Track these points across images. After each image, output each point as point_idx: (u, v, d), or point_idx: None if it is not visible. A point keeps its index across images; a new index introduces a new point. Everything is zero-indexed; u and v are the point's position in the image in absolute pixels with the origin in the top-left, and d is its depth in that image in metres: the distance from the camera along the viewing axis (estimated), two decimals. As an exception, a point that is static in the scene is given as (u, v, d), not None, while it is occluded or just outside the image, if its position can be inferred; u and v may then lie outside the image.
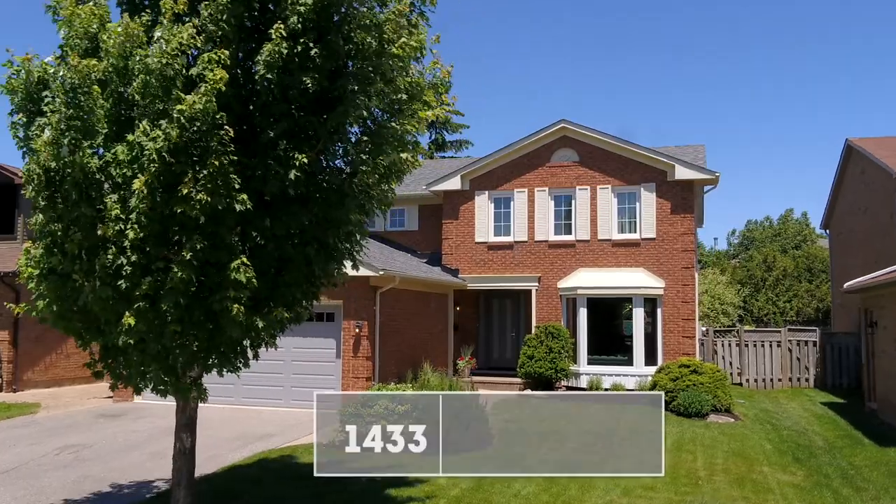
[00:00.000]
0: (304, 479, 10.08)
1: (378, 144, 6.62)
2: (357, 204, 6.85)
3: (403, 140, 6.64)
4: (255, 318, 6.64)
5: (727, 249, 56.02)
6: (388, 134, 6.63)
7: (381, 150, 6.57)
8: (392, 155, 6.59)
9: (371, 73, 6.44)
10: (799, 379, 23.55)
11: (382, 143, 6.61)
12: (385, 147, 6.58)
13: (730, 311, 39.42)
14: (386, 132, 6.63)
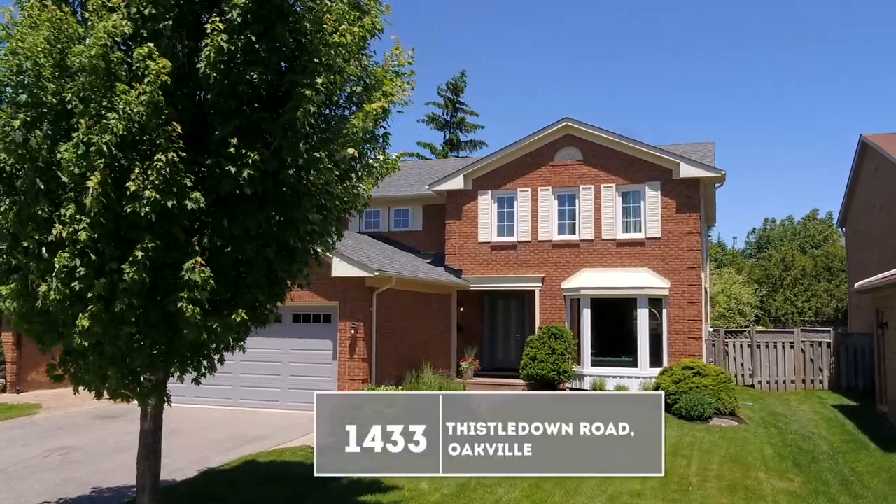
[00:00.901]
0: (286, 483, 9.94)
1: (325, 140, 6.44)
2: (315, 203, 6.67)
3: (350, 134, 6.42)
4: (212, 321, 6.50)
5: (744, 248, 55.25)
6: (333, 128, 6.43)
7: (327, 145, 6.38)
8: (342, 151, 6.39)
9: (318, 65, 6.27)
10: (812, 381, 23.02)
11: (328, 138, 6.41)
12: (331, 142, 6.38)
13: (746, 312, 38.83)
14: (332, 127, 6.44)
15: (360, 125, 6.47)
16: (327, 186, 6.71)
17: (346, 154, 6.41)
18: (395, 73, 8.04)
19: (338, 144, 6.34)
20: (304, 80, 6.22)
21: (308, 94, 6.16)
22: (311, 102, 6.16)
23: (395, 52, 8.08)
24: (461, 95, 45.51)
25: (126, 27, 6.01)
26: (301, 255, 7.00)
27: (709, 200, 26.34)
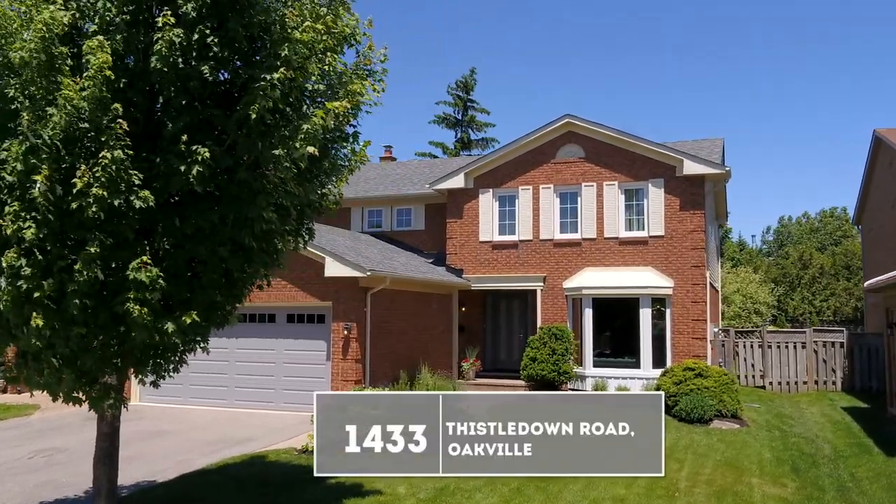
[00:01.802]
0: (264, 487, 9.78)
1: (283, 137, 6.24)
2: (272, 202, 6.48)
3: (310, 132, 6.22)
4: (164, 322, 6.34)
5: (761, 247, 54.33)
6: (292, 126, 6.24)
7: (286, 143, 6.18)
8: (301, 149, 6.19)
9: (275, 62, 6.08)
10: (826, 382, 22.48)
11: (286, 135, 6.22)
12: (290, 140, 6.19)
13: (763, 311, 38.17)
14: (290, 124, 6.24)
15: (321, 123, 6.26)
16: (284, 185, 6.51)
17: (305, 152, 6.21)
18: (368, 73, 7.89)
19: (297, 142, 6.13)
20: (261, 76, 6.04)
21: (263, 89, 5.98)
22: (266, 98, 5.98)
23: (367, 52, 7.93)
24: (471, 93, 45.26)
25: (65, 18, 5.86)
26: (258, 256, 6.82)
27: (718, 197, 25.88)
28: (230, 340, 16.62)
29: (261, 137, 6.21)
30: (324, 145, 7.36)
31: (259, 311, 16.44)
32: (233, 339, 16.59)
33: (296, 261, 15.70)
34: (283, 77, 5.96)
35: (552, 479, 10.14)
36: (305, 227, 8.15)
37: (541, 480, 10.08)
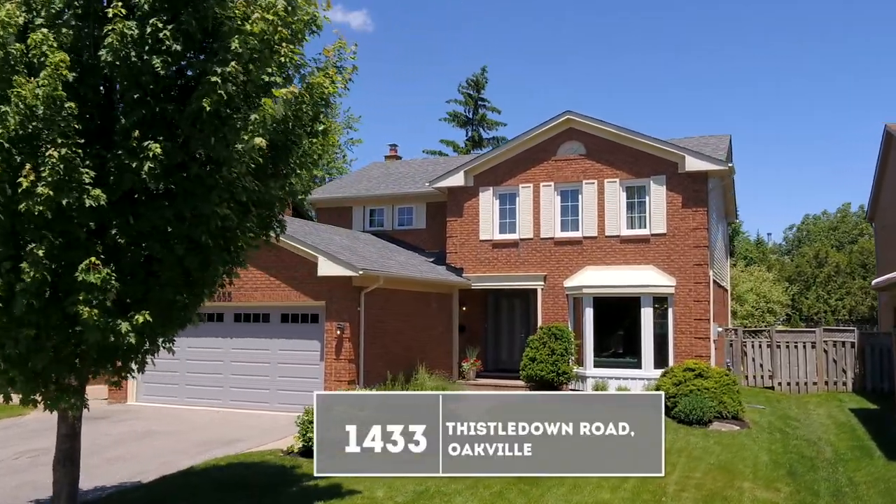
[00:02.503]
0: (244, 488, 9.64)
1: (235, 130, 6.07)
2: (226, 197, 6.32)
3: (258, 124, 6.04)
4: (118, 323, 6.20)
5: (781, 245, 53.51)
6: (241, 119, 6.06)
7: (237, 135, 6.02)
8: (249, 141, 6.02)
9: (227, 55, 5.92)
10: (836, 382, 22.00)
11: (238, 128, 6.05)
12: (240, 132, 6.02)
13: (776, 310, 37.56)
14: (240, 118, 6.07)
15: (270, 113, 6.09)
16: (240, 180, 6.35)
17: (254, 144, 6.04)
18: (338, 69, 7.76)
19: (245, 133, 5.97)
20: (213, 69, 5.88)
21: (215, 82, 5.83)
22: (218, 92, 5.82)
23: (336, 47, 7.79)
24: (482, 92, 44.98)
25: (20, 17, 5.76)
26: (216, 254, 6.66)
27: (727, 195, 25.48)
28: (225, 340, 16.60)
29: (214, 132, 6.05)
30: (285, 138, 7.22)
31: (254, 310, 16.34)
32: (228, 339, 16.58)
33: (289, 260, 15.62)
34: (234, 70, 5.80)
35: (537, 482, 9.93)
36: (276, 222, 8.01)
37: (525, 483, 9.86)
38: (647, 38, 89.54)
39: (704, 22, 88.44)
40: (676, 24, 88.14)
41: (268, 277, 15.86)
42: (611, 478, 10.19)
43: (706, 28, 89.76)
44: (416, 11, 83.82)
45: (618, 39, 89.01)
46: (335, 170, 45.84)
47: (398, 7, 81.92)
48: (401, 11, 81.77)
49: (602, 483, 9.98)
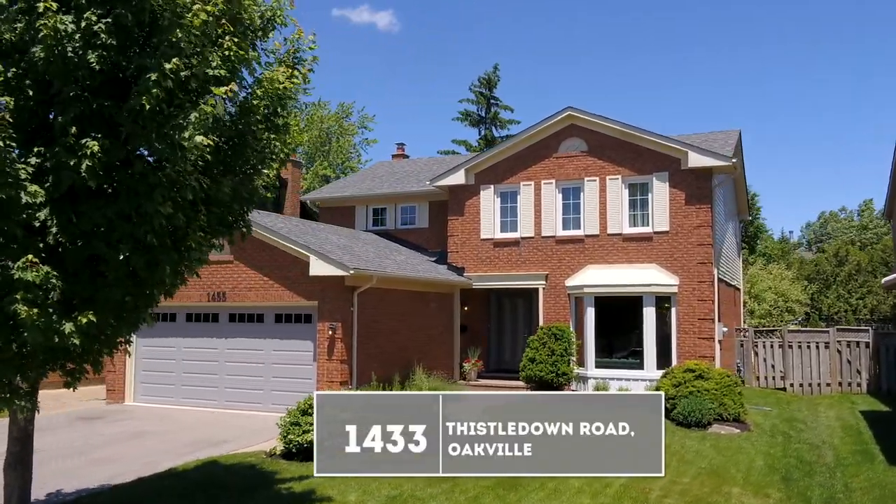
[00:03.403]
0: (215, 491, 9.49)
1: (178, 127, 5.90)
2: (170, 196, 6.16)
3: (199, 121, 5.85)
4: (62, 323, 6.07)
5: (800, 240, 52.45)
6: (184, 115, 5.89)
7: (180, 132, 5.84)
8: (192, 139, 5.84)
9: (167, 49, 5.75)
10: (850, 384, 21.43)
11: (180, 125, 5.88)
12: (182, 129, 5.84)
13: (795, 309, 36.79)
14: (182, 115, 5.89)
15: (211, 111, 5.91)
16: (186, 178, 6.18)
17: (196, 142, 5.87)
18: (297, 60, 7.60)
19: (185, 131, 5.80)
20: (151, 65, 5.72)
21: (154, 78, 5.67)
22: (157, 88, 5.66)
23: (294, 39, 7.62)
24: (494, 90, 44.64)
25: None
26: (164, 254, 6.48)
27: (738, 191, 24.99)
28: (221, 340, 16.54)
29: (156, 129, 5.89)
30: (237, 135, 7.06)
31: (248, 310, 16.26)
32: (223, 339, 16.53)
33: (282, 260, 15.51)
34: (174, 66, 5.63)
35: (515, 487, 9.69)
36: (241, 222, 7.85)
37: (503, 488, 9.62)
38: (659, 38, 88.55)
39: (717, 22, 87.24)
40: (688, 24, 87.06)
41: (261, 277, 15.77)
42: (594, 483, 9.92)
43: (718, 28, 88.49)
44: (434, 11, 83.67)
45: (629, 40, 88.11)
46: (349, 170, 45.85)
47: (418, 7, 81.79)
48: (420, 11, 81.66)
49: (584, 488, 9.71)
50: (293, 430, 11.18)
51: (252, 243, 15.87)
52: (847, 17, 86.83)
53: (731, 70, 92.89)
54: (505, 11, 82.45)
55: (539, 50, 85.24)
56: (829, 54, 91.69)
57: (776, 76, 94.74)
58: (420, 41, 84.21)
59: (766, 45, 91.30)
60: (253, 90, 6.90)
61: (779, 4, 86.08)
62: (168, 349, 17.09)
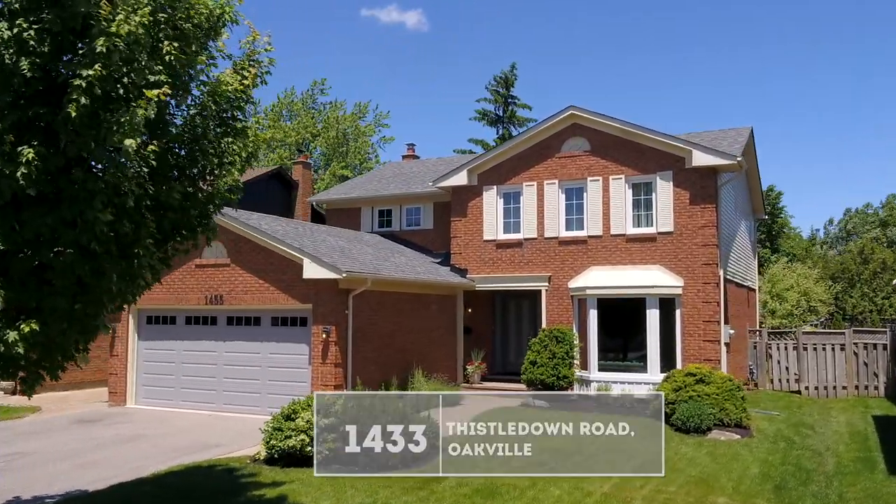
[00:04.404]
0: (187, 498, 9.43)
1: (110, 131, 5.81)
2: (109, 202, 6.08)
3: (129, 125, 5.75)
4: (5, 332, 6.03)
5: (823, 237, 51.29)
6: (113, 120, 5.79)
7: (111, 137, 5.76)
8: (121, 142, 5.75)
9: (94, 56, 5.67)
10: (867, 387, 20.88)
11: (110, 129, 5.78)
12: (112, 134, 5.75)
13: (819, 309, 35.97)
14: (109, 120, 5.79)
15: (142, 114, 5.82)
16: (125, 184, 6.09)
17: (127, 146, 5.78)
18: (253, 62, 7.51)
19: (117, 136, 5.71)
20: (79, 72, 5.65)
21: (78, 84, 5.59)
22: (85, 95, 5.58)
23: (250, 41, 7.53)
24: (512, 89, 44.34)
25: None
26: (109, 261, 6.41)
27: (752, 189, 24.47)
28: (219, 343, 16.56)
29: (94, 136, 5.82)
30: (194, 139, 6.97)
31: (245, 313, 16.25)
32: (221, 342, 16.54)
33: (278, 262, 15.48)
34: (97, 73, 5.55)
35: (493, 495, 9.49)
36: (202, 227, 7.76)
37: (480, 496, 9.43)
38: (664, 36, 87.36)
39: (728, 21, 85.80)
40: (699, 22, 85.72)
41: (257, 280, 15.74)
42: (575, 492, 9.70)
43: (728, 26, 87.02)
44: (456, 7, 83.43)
45: (633, 39, 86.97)
46: (367, 170, 45.88)
47: (442, 4, 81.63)
48: (432, 8, 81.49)
49: (563, 497, 9.49)
50: (276, 436, 11.11)
51: (248, 246, 15.89)
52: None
53: (761, 67, 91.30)
54: (523, 11, 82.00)
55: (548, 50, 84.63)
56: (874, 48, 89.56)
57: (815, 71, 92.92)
58: (442, 39, 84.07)
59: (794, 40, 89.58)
60: (203, 93, 6.80)
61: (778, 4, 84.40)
62: (168, 352, 17.16)
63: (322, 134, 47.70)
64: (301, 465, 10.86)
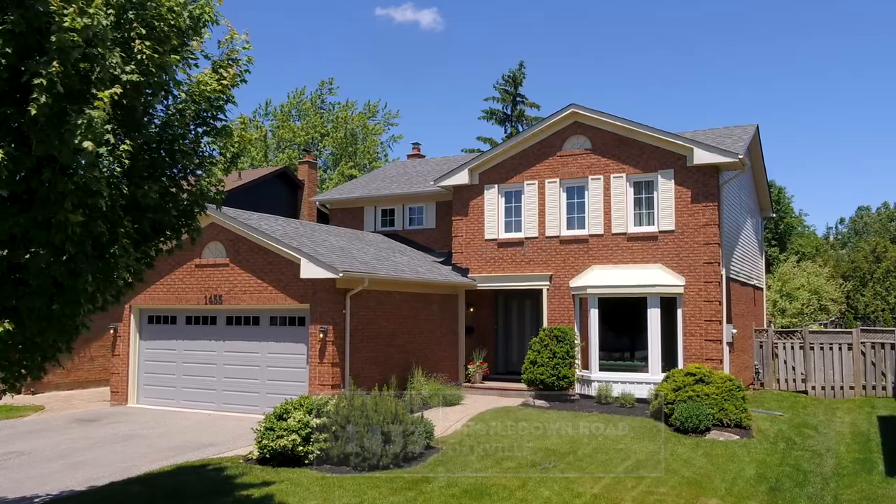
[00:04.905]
0: (174, 498, 9.43)
1: (69, 131, 5.79)
2: (80, 203, 6.07)
3: (86, 126, 5.72)
4: (-25, 332, 6.05)
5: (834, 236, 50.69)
6: (71, 121, 5.77)
7: (72, 138, 5.74)
8: (80, 144, 5.73)
9: (53, 55, 5.65)
10: (875, 387, 20.60)
11: (69, 130, 5.76)
12: (72, 135, 5.73)
13: (830, 308, 35.56)
14: (67, 118, 5.77)
15: (99, 115, 5.78)
16: (94, 184, 6.07)
17: (85, 147, 5.75)
18: (232, 62, 7.50)
19: (75, 137, 5.70)
20: (40, 70, 5.63)
21: (41, 83, 5.58)
22: (44, 94, 5.57)
23: (228, 40, 7.52)
24: (520, 88, 44.20)
25: None
26: (85, 262, 6.40)
27: (758, 187, 24.23)
28: (218, 343, 16.60)
29: (59, 136, 5.81)
30: (171, 139, 6.96)
31: (245, 313, 16.28)
32: (221, 341, 16.58)
33: (276, 262, 15.49)
34: (56, 70, 5.53)
35: (481, 496, 9.41)
36: (186, 226, 7.76)
37: (468, 498, 9.37)
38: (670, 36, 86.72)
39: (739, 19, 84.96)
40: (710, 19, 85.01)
41: (256, 280, 15.76)
42: (564, 493, 9.61)
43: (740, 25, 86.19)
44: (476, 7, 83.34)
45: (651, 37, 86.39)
46: (375, 170, 45.93)
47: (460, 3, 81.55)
48: (446, 6, 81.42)
49: (552, 498, 9.40)
50: (267, 435, 11.10)
51: (246, 246, 15.92)
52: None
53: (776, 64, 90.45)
54: (534, 9, 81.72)
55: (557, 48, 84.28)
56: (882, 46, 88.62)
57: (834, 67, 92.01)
58: (454, 37, 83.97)
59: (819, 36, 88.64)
60: (181, 93, 6.79)
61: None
62: (169, 351, 17.22)
63: (331, 134, 47.77)
64: (292, 465, 10.86)
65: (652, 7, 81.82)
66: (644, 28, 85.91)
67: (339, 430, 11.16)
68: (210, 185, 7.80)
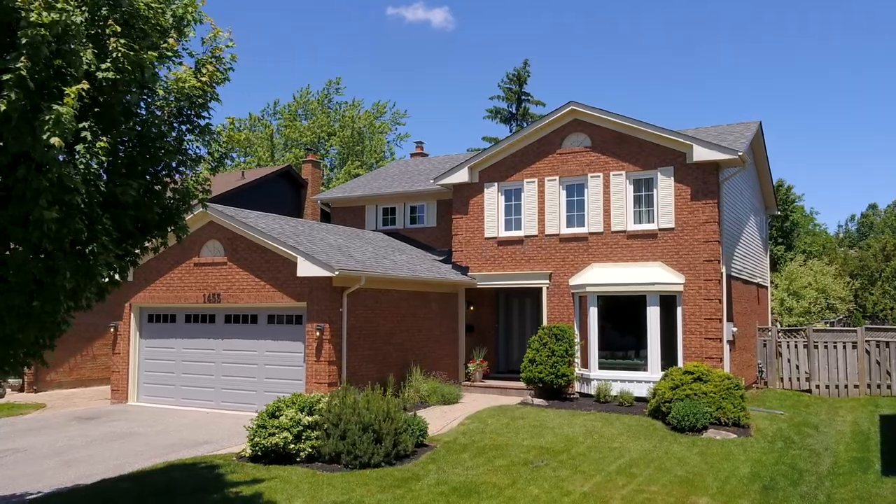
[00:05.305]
0: (163, 495, 9.45)
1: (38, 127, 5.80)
2: (55, 200, 6.08)
3: (54, 122, 5.72)
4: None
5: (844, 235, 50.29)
6: (35, 118, 5.77)
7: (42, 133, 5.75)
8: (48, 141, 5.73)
9: (21, 50, 5.66)
10: (879, 386, 20.42)
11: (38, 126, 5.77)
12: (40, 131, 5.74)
13: (837, 307, 35.31)
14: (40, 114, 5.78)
15: (67, 112, 5.77)
16: (68, 181, 6.08)
17: (53, 144, 5.75)
18: (216, 59, 7.51)
19: (43, 133, 5.70)
20: (9, 66, 5.64)
21: (10, 80, 5.59)
22: (13, 89, 5.58)
23: (211, 38, 7.52)
24: (525, 86, 44.09)
25: None
26: (64, 260, 6.42)
27: (763, 185, 24.08)
28: (217, 341, 16.65)
29: (31, 132, 5.82)
30: (151, 137, 6.96)
31: (242, 311, 16.31)
32: (219, 339, 16.62)
33: (273, 261, 15.51)
34: (25, 65, 5.54)
35: (469, 496, 9.38)
36: (171, 225, 7.76)
37: (457, 496, 9.34)
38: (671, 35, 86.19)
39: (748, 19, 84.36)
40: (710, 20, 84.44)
41: (254, 278, 15.79)
42: (553, 490, 9.57)
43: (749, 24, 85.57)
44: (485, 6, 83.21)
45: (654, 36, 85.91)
46: (378, 168, 45.98)
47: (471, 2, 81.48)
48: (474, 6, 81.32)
49: (541, 496, 9.36)
50: (259, 433, 11.12)
51: (244, 244, 15.95)
52: None
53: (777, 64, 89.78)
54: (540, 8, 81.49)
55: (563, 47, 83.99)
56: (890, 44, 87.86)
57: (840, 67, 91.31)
58: (463, 36, 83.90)
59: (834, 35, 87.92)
60: (160, 91, 6.79)
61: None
62: (168, 350, 17.29)
63: (338, 133, 47.85)
64: (284, 463, 10.88)
65: (653, 6, 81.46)
66: (644, 28, 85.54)
67: (330, 428, 11.17)
68: (196, 185, 7.81)
